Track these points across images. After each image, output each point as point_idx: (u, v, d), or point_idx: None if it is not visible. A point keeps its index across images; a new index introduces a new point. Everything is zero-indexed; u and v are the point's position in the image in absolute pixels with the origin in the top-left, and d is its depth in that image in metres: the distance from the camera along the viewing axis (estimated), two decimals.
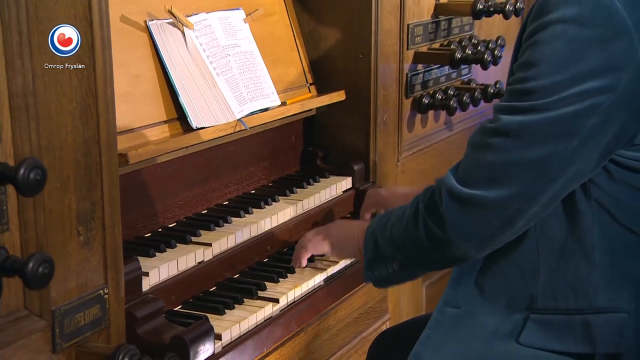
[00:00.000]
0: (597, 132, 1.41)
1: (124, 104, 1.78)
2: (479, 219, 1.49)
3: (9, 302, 1.33)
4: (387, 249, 1.68)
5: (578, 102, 1.39)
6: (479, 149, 1.50)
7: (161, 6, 1.99)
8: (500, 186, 1.46)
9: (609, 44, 1.38)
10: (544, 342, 1.57)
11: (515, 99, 1.45)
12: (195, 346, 1.60)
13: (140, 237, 1.94)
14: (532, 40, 1.44)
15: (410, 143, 2.73)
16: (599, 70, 1.38)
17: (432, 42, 2.77)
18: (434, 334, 1.67)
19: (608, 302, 1.52)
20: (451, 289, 1.68)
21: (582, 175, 1.46)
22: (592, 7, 1.38)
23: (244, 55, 2.19)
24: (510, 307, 1.60)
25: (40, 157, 1.33)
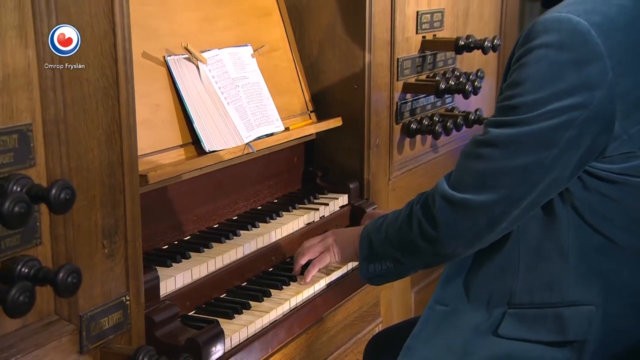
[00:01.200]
0: (573, 143, 1.42)
1: (144, 129, 1.79)
2: (468, 219, 1.51)
3: (41, 308, 1.34)
4: (382, 248, 1.68)
5: (557, 116, 1.40)
6: (470, 158, 1.51)
7: (178, 43, 2.00)
8: (488, 191, 1.47)
9: (584, 66, 1.38)
10: (519, 333, 1.57)
11: (502, 114, 1.47)
12: (207, 347, 1.60)
13: (159, 248, 1.94)
14: (519, 63, 1.45)
15: (400, 164, 2.73)
16: (575, 89, 1.39)
17: (419, 74, 2.77)
18: (425, 328, 1.67)
19: (579, 296, 1.52)
20: (440, 288, 1.68)
21: (560, 183, 1.47)
22: (570, 34, 1.39)
23: (252, 86, 2.20)
24: (491, 303, 1.61)
25: (70, 178, 1.34)
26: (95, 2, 1.37)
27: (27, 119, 1.27)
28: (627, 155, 1.44)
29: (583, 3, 1.43)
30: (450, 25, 2.94)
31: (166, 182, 1.88)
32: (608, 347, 1.51)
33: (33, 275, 1.24)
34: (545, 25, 1.41)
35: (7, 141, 1.23)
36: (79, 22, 1.34)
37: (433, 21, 2.80)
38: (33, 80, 1.27)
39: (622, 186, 1.46)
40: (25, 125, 1.26)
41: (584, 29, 1.38)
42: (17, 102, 1.25)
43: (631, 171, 1.45)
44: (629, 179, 1.45)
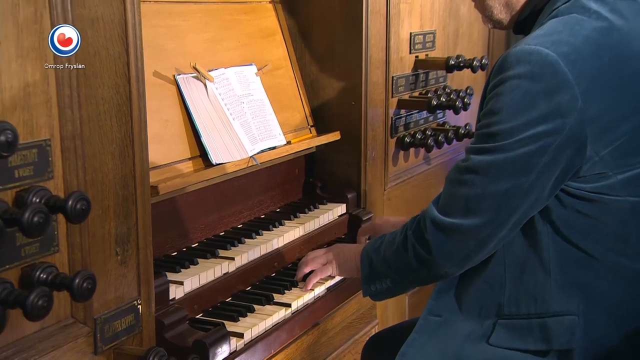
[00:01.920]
0: (549, 167, 1.41)
1: (155, 144, 1.79)
2: (458, 242, 1.51)
3: (58, 311, 1.34)
4: (381, 268, 1.68)
5: (532, 143, 1.40)
6: (455, 185, 1.51)
7: (187, 63, 2.00)
8: (474, 215, 1.47)
9: (555, 95, 1.38)
10: (509, 343, 1.57)
11: (481, 141, 1.47)
12: (214, 348, 1.60)
13: (168, 255, 1.94)
14: (494, 93, 1.45)
15: (395, 175, 2.73)
16: (547, 116, 1.39)
17: (413, 91, 2.78)
18: (419, 337, 1.66)
19: (561, 307, 1.52)
20: (434, 300, 1.67)
21: (540, 203, 1.47)
22: (540, 65, 1.39)
23: (256, 103, 2.20)
24: (482, 314, 1.60)
25: (85, 190, 1.34)
26: (110, 26, 1.38)
27: (46, 135, 1.27)
28: (600, 175, 1.44)
29: (551, 35, 1.42)
30: (441, 45, 2.95)
31: (175, 192, 1.88)
32: (591, 355, 1.50)
33: (51, 281, 1.25)
34: (517, 57, 1.41)
35: (27, 155, 1.23)
36: (95, 44, 1.35)
37: (425, 42, 2.81)
38: (52, 98, 1.28)
39: (596, 204, 1.46)
40: (44, 140, 1.27)
41: (553, 60, 1.38)
42: (37, 119, 1.25)
43: (604, 190, 1.44)
44: (602, 197, 1.45)
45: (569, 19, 1.45)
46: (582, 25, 1.43)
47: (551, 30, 1.44)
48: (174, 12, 2.02)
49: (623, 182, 1.44)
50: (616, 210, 1.46)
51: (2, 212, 1.15)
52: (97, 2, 1.34)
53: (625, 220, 1.47)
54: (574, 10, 1.47)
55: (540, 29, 1.47)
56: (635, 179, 1.44)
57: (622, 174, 1.44)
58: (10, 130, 1.10)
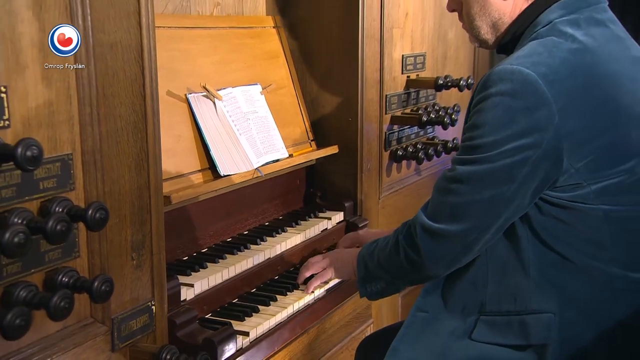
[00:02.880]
0: (528, 177, 1.42)
1: (168, 157, 1.79)
2: (445, 246, 1.51)
3: (79, 312, 1.34)
4: (376, 270, 1.68)
5: (513, 155, 1.40)
6: (442, 193, 1.51)
7: (197, 83, 2.01)
8: (460, 221, 1.47)
9: (534, 111, 1.38)
10: (490, 338, 1.56)
11: (466, 153, 1.47)
12: (222, 346, 1.60)
13: (180, 260, 1.94)
14: (477, 108, 1.45)
15: (389, 185, 2.73)
16: (527, 131, 1.39)
17: (405, 108, 2.78)
18: (408, 332, 1.66)
19: (539, 305, 1.51)
20: (422, 298, 1.67)
21: (520, 210, 1.47)
22: (521, 84, 1.39)
23: (260, 119, 2.21)
24: (465, 311, 1.60)
25: (104, 200, 1.34)
26: (127, 50, 1.39)
27: (68, 149, 1.28)
28: (575, 185, 1.43)
29: (531, 56, 1.43)
30: (430, 66, 2.95)
31: (186, 202, 1.88)
32: (566, 351, 1.50)
33: (72, 284, 1.26)
34: (500, 75, 1.41)
35: (51, 168, 1.24)
36: (113, 66, 1.36)
37: (416, 63, 2.82)
38: (74, 116, 1.29)
39: (571, 211, 1.46)
40: (66, 154, 1.27)
41: (533, 79, 1.38)
42: (60, 135, 1.26)
43: (579, 199, 1.44)
44: (577, 205, 1.45)
45: (547, 41, 1.46)
46: (559, 48, 1.44)
47: (531, 51, 1.45)
48: (186, 36, 2.02)
49: (597, 192, 1.44)
50: (590, 217, 1.46)
51: (28, 220, 1.16)
52: (115, 28, 1.35)
53: (599, 227, 1.46)
54: (552, 33, 1.48)
55: (522, 50, 1.47)
56: (608, 189, 1.44)
57: (595, 184, 1.44)
58: (36, 146, 1.11)
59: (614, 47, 1.48)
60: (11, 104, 1.15)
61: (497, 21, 1.61)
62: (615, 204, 1.45)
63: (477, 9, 1.61)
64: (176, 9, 2.05)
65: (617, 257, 1.47)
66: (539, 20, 1.53)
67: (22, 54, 1.17)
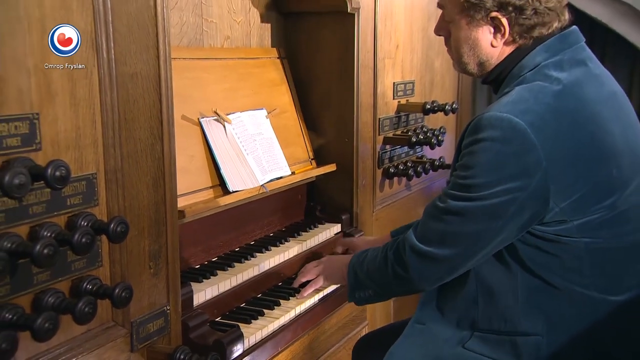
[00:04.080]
0: (515, 216, 1.40)
1: (182, 175, 1.78)
2: (432, 267, 1.50)
3: (102, 316, 1.34)
4: (364, 280, 1.67)
5: (502, 195, 1.38)
6: (433, 219, 1.49)
7: (209, 108, 2.01)
8: (448, 247, 1.46)
9: (523, 157, 1.37)
10: (483, 351, 1.54)
11: (459, 190, 1.44)
12: (230, 347, 1.60)
13: (192, 268, 1.93)
14: (469, 149, 1.43)
15: (381, 199, 2.73)
16: (516, 175, 1.37)
17: (396, 130, 2.79)
18: (406, 340, 1.65)
19: (527, 328, 1.49)
20: (419, 311, 1.66)
21: (507, 241, 1.45)
22: (510, 131, 1.36)
23: (266, 140, 2.21)
24: (459, 325, 1.58)
25: (124, 215, 1.35)
26: (146, 80, 1.40)
27: (92, 169, 1.29)
28: (560, 221, 1.41)
29: (518, 103, 1.40)
30: (419, 92, 2.96)
31: (199, 215, 1.87)
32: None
33: (95, 291, 1.26)
34: (491, 122, 1.38)
35: (77, 186, 1.25)
36: (134, 94, 1.37)
37: (406, 89, 2.83)
38: (98, 139, 1.29)
39: (556, 244, 1.44)
40: (91, 174, 1.28)
41: (522, 127, 1.35)
42: (86, 156, 1.27)
43: (563, 233, 1.43)
44: (561, 238, 1.43)
45: (534, 86, 1.43)
46: (544, 93, 1.41)
47: (519, 98, 1.41)
48: (199, 67, 2.03)
49: (578, 227, 1.42)
50: (573, 249, 1.44)
51: (57, 234, 1.17)
52: (136, 60, 1.36)
53: (580, 257, 1.44)
54: (538, 78, 1.45)
55: (510, 96, 1.43)
56: (589, 224, 1.42)
57: (577, 220, 1.41)
58: (64, 166, 1.12)
59: (592, 87, 1.46)
60: (42, 129, 1.17)
61: (485, 62, 1.57)
62: (596, 237, 1.43)
63: (466, 48, 1.57)
64: (190, 42, 2.06)
65: (596, 282, 1.46)
66: (525, 62, 1.50)
67: (53, 84, 1.18)
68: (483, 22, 1.51)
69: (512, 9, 1.46)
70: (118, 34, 1.30)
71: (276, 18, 2.43)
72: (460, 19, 1.54)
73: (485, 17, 1.49)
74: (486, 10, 1.48)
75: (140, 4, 1.36)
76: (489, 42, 1.53)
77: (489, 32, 1.52)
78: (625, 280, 1.48)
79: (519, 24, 1.48)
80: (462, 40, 1.57)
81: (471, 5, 1.50)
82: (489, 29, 1.52)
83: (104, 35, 1.27)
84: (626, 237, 1.45)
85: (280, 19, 2.45)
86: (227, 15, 2.20)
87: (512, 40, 1.52)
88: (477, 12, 1.49)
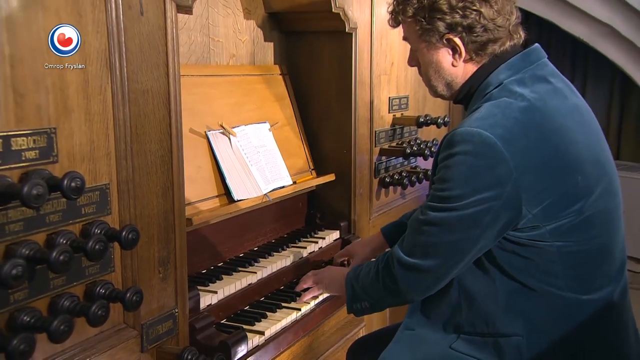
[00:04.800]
0: (491, 224, 1.40)
1: (190, 185, 1.79)
2: (418, 278, 1.50)
3: (114, 319, 1.35)
4: (360, 294, 1.67)
5: (477, 205, 1.38)
6: (417, 233, 1.49)
7: (215, 122, 2.02)
8: (431, 258, 1.46)
9: (494, 168, 1.37)
10: (468, 352, 1.54)
11: (437, 202, 1.44)
12: (235, 348, 1.60)
13: (199, 272, 1.93)
14: (444, 163, 1.43)
15: (378, 207, 2.73)
16: (489, 185, 1.38)
17: (391, 142, 2.79)
18: (396, 346, 1.65)
19: (508, 330, 1.49)
20: (408, 318, 1.66)
21: (485, 249, 1.46)
22: (482, 145, 1.37)
23: (269, 152, 2.22)
24: (446, 329, 1.58)
25: (135, 223, 1.35)
26: (157, 96, 1.41)
27: (105, 180, 1.29)
28: (533, 227, 1.42)
29: (487, 118, 1.40)
30: (413, 106, 2.97)
31: (205, 223, 1.88)
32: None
33: (108, 295, 1.26)
34: (463, 137, 1.39)
35: (91, 196, 1.26)
36: (145, 110, 1.38)
37: (401, 104, 2.84)
38: (111, 152, 1.30)
39: (530, 248, 1.44)
40: (104, 184, 1.29)
41: (492, 141, 1.36)
42: (99, 168, 1.28)
43: (536, 238, 1.43)
44: (535, 243, 1.43)
45: (501, 102, 1.44)
46: (511, 108, 1.42)
47: (488, 114, 1.42)
48: (206, 83, 2.05)
49: (551, 232, 1.42)
50: (546, 252, 1.44)
51: (72, 241, 1.17)
52: (147, 78, 1.38)
53: (554, 260, 1.45)
54: (503, 94, 1.46)
55: (479, 112, 1.44)
56: (560, 228, 1.42)
57: (549, 225, 1.42)
58: (79, 178, 1.13)
59: (556, 101, 1.47)
60: (59, 142, 1.18)
61: (451, 82, 1.59)
62: (567, 241, 1.43)
63: (432, 72, 1.59)
64: (198, 60, 2.08)
65: (569, 284, 1.46)
66: (490, 80, 1.51)
67: (69, 100, 1.20)
68: (440, 44, 1.54)
69: (462, 29, 1.49)
70: (130, 53, 1.31)
71: (279, 37, 2.45)
72: (421, 46, 1.58)
73: (440, 39, 1.53)
74: (439, 33, 1.52)
75: (151, 26, 1.37)
76: (449, 62, 1.56)
77: (448, 54, 1.55)
78: (596, 281, 1.49)
79: (472, 41, 1.51)
80: (427, 64, 1.60)
81: (425, 30, 1.53)
82: (447, 50, 1.55)
83: (117, 55, 1.28)
84: (592, 241, 1.46)
85: (283, 38, 2.47)
86: (233, 35, 2.22)
87: (470, 58, 1.54)
88: (432, 36, 1.53)
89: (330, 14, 2.26)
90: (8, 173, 1.09)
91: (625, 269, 1.57)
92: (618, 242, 1.53)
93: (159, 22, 1.39)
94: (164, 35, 1.40)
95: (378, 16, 2.54)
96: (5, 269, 1.01)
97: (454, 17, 1.48)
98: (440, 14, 1.49)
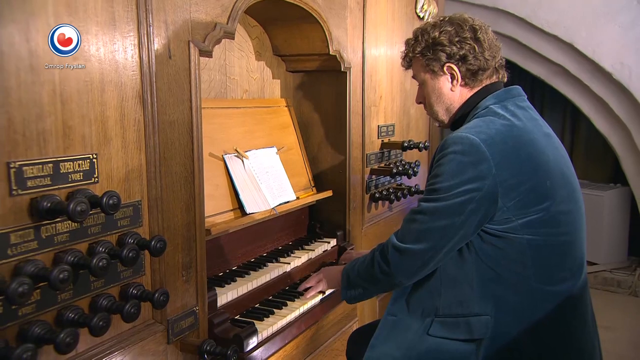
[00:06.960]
0: (473, 212, 1.42)
1: (209, 200, 1.80)
2: (409, 261, 1.50)
3: (144, 316, 1.35)
4: (355, 280, 1.67)
5: (462, 195, 1.41)
6: (410, 222, 1.52)
7: (231, 147, 2.03)
8: (422, 242, 1.47)
9: (477, 165, 1.41)
10: (442, 334, 1.55)
11: (429, 194, 1.48)
12: (247, 340, 1.60)
13: (217, 275, 1.93)
14: (438, 162, 1.48)
15: (369, 219, 2.73)
16: (473, 179, 1.41)
17: (380, 163, 2.80)
18: (382, 332, 1.65)
19: (480, 310, 1.50)
20: (391, 305, 1.66)
21: (466, 237, 1.47)
22: (468, 145, 1.42)
23: (276, 172, 2.22)
24: (424, 314, 1.59)
25: (163, 234, 1.37)
26: (182, 125, 1.43)
27: (138, 197, 1.31)
28: (506, 219, 1.44)
29: (474, 127, 1.46)
30: (398, 133, 2.98)
31: (222, 233, 1.88)
32: (497, 342, 1.49)
33: (139, 295, 1.27)
34: (454, 140, 1.45)
35: (126, 211, 1.27)
36: (171, 137, 1.39)
37: (388, 131, 2.85)
38: (143, 173, 1.31)
39: (503, 239, 1.46)
40: (137, 201, 1.30)
41: (477, 142, 1.41)
42: (133, 187, 1.29)
43: (509, 230, 1.45)
44: (507, 234, 1.45)
45: (486, 119, 1.50)
46: (494, 123, 1.47)
47: (475, 125, 1.48)
48: (223, 114, 2.06)
49: (522, 225, 1.44)
50: (517, 244, 1.46)
51: (109, 249, 1.18)
52: (173, 110, 1.40)
53: (523, 251, 1.46)
54: (489, 114, 1.52)
55: (468, 125, 1.51)
56: (530, 223, 1.45)
57: (521, 219, 1.44)
58: (116, 196, 1.14)
59: (531, 125, 1.52)
60: (99, 166, 1.19)
61: (449, 106, 1.65)
62: (535, 235, 1.45)
63: (434, 97, 1.66)
64: (217, 95, 2.10)
65: (536, 274, 1.47)
66: (479, 105, 1.59)
67: (109, 130, 1.22)
68: (441, 72, 1.63)
69: (459, 58, 1.60)
70: (160, 91, 1.34)
71: (284, 75, 2.48)
72: (426, 77, 1.67)
73: (441, 68, 1.62)
74: (441, 62, 1.61)
75: (178, 67, 1.39)
76: (449, 88, 1.64)
77: (447, 81, 1.63)
78: (559, 274, 1.49)
79: (466, 69, 1.60)
80: (431, 91, 1.67)
81: (429, 61, 1.63)
82: (446, 77, 1.63)
83: (149, 92, 1.31)
84: (558, 238, 1.48)
85: (288, 75, 2.50)
86: (246, 74, 2.25)
87: (464, 84, 1.62)
88: (435, 65, 1.62)
89: (328, 56, 2.29)
90: (57, 192, 1.10)
91: (584, 267, 1.58)
92: (580, 242, 1.54)
93: (184, 64, 1.41)
94: (188, 75, 1.43)
95: (368, 57, 2.58)
96: (54, 274, 1.02)
97: (452, 48, 1.58)
98: (442, 47, 1.59)
